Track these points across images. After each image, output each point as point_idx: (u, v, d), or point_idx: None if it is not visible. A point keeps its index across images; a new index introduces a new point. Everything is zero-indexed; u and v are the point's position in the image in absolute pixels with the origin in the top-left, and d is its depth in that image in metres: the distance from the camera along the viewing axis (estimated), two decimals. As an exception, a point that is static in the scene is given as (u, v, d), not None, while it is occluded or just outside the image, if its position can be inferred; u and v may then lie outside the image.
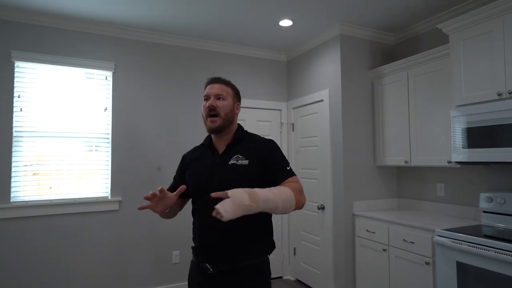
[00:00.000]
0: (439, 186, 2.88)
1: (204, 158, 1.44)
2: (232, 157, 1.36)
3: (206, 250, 1.34)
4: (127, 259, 3.07)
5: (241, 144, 1.41)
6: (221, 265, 1.30)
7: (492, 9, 2.14)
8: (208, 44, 3.50)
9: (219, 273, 1.30)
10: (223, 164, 1.37)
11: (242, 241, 1.31)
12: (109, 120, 3.11)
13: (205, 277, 1.33)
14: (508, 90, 2.07)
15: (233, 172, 1.33)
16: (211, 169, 1.38)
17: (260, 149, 1.39)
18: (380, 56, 3.28)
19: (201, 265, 1.35)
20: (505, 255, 1.85)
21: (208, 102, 1.39)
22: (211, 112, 1.38)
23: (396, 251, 2.57)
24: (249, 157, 1.35)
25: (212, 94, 1.40)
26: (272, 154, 1.38)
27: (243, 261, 1.30)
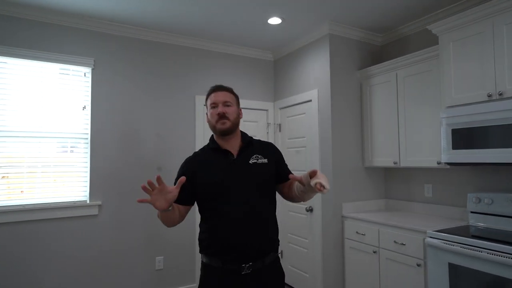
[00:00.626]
0: (427, 187, 2.89)
1: (216, 161, 1.48)
2: (251, 157, 1.49)
3: (239, 249, 1.36)
4: (106, 267, 2.89)
5: (253, 146, 1.55)
6: (255, 264, 1.37)
7: (483, 11, 2.15)
8: (193, 42, 3.38)
9: (252, 272, 1.35)
10: (244, 163, 1.47)
11: (268, 237, 1.44)
12: (87, 119, 2.92)
13: (237, 278, 1.35)
14: (498, 92, 2.08)
15: (257, 169, 1.47)
16: (230, 169, 1.45)
17: (272, 151, 1.59)
18: (368, 57, 3.27)
19: (231, 267, 1.35)
20: (497, 256, 1.85)
21: (218, 109, 1.47)
22: (221, 119, 1.47)
23: (386, 253, 2.54)
24: (266, 156, 1.52)
25: (220, 102, 1.49)
26: (280, 155, 1.63)
27: (270, 256, 1.42)
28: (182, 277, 3.22)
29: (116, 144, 2.99)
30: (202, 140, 3.39)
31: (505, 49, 2.06)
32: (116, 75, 3.03)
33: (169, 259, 3.17)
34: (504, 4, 2.04)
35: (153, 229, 3.10)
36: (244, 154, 1.50)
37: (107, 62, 3.00)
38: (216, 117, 1.47)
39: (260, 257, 1.39)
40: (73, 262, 2.76)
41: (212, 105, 1.51)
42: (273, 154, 1.57)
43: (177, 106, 3.30)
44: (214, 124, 1.48)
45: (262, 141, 1.63)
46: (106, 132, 2.96)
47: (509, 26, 2.04)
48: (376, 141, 3.02)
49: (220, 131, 1.48)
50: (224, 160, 1.48)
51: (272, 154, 1.57)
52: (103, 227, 2.90)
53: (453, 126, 2.30)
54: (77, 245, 2.79)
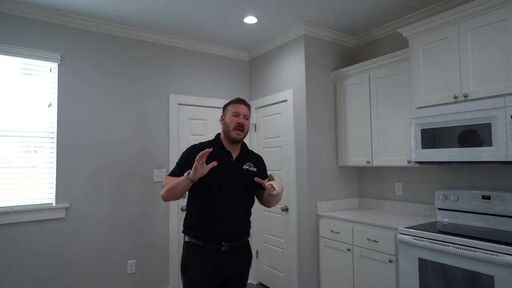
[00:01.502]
0: (397, 185, 2.99)
1: (219, 158, 1.69)
2: (245, 164, 1.82)
3: (222, 232, 1.69)
4: (75, 273, 2.75)
5: (248, 155, 1.88)
6: (232, 243, 1.71)
7: (449, 17, 2.25)
8: (167, 39, 3.30)
9: (230, 249, 1.70)
10: (239, 167, 1.79)
11: (245, 225, 1.80)
12: (54, 118, 2.77)
13: (216, 254, 1.68)
14: (463, 94, 2.19)
15: (247, 175, 1.80)
16: (230, 168, 1.76)
17: (261, 164, 1.94)
18: (341, 58, 3.34)
19: (212, 245, 1.68)
20: (463, 250, 1.94)
21: (240, 119, 1.77)
22: (239, 128, 1.76)
23: (360, 250, 2.60)
24: (256, 166, 1.87)
25: (242, 114, 1.79)
26: (265, 168, 1.97)
27: (244, 239, 1.79)
28: (155, 280, 3.13)
29: (84, 144, 2.86)
30: (176, 138, 3.31)
31: (469, 53, 2.16)
32: (85, 71, 2.90)
33: (141, 263, 3.07)
34: (469, 10, 2.15)
35: (124, 232, 2.99)
36: (240, 160, 1.82)
37: (75, 57, 2.86)
38: (235, 125, 1.76)
39: (236, 240, 1.73)
40: (38, 268, 2.61)
41: (234, 113, 1.78)
42: (261, 166, 1.92)
43: (149, 104, 3.21)
44: (230, 130, 1.76)
45: (255, 153, 1.96)
46: (73, 131, 2.82)
47: (473, 32, 2.15)
48: (350, 141, 3.09)
49: (234, 139, 1.77)
50: (226, 159, 1.76)
51: (260, 165, 1.91)
52: (71, 230, 2.76)
53: (422, 126, 2.39)
54: (43, 250, 2.63)
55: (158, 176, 3.19)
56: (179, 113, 3.38)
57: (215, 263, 1.68)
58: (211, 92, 3.57)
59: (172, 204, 3.24)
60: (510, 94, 1.98)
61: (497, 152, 2.00)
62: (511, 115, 1.95)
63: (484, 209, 2.32)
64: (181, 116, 3.39)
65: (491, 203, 2.29)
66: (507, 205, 2.21)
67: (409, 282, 2.22)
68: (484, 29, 2.10)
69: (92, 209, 2.86)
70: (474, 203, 2.37)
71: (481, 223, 2.33)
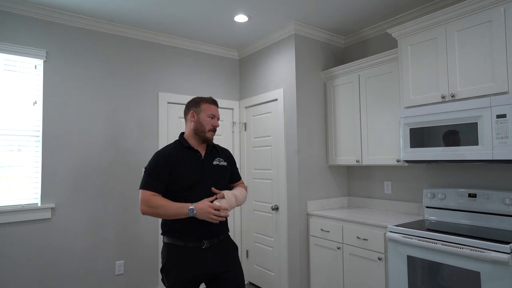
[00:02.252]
0: (387, 184, 3.03)
1: (189, 159, 1.76)
2: (215, 159, 1.83)
3: (202, 231, 1.70)
4: (61, 275, 2.69)
5: (216, 150, 1.89)
6: (212, 240, 1.74)
7: (437, 18, 2.28)
8: (156, 37, 3.26)
9: (211, 245, 1.73)
10: (209, 164, 1.81)
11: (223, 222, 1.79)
12: (39, 116, 2.70)
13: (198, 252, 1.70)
14: (450, 93, 2.23)
15: (219, 170, 1.82)
16: (201, 168, 1.77)
17: (229, 156, 1.96)
18: (331, 58, 3.36)
19: (193, 244, 1.69)
20: (450, 247, 1.98)
21: (215, 122, 1.82)
22: (213, 131, 1.82)
23: (350, 249, 2.62)
24: (226, 160, 1.89)
25: (217, 116, 1.85)
26: (234, 161, 2.00)
27: (224, 234, 1.81)
28: (144, 281, 3.09)
29: (70, 143, 2.80)
30: (165, 138, 3.27)
31: (456, 54, 2.20)
32: (71, 69, 2.83)
33: (130, 263, 3.02)
34: (456, 12, 2.19)
35: (112, 232, 2.94)
36: (209, 156, 1.83)
37: (62, 54, 2.79)
38: (211, 127, 1.80)
39: (216, 236, 1.75)
40: (23, 270, 2.54)
41: (211, 115, 1.81)
42: (230, 158, 1.95)
43: (138, 102, 3.16)
44: (205, 130, 1.79)
45: (221, 147, 1.97)
46: (59, 129, 2.75)
47: (460, 33, 2.19)
48: (340, 140, 3.11)
49: (208, 140, 1.81)
50: (195, 159, 1.78)
51: (229, 158, 1.94)
52: (57, 231, 2.69)
53: (410, 125, 2.42)
54: (28, 252, 2.57)
55: (147, 176, 3.14)
56: (169, 112, 3.34)
57: (198, 262, 1.68)
58: (201, 91, 3.54)
59: (161, 204, 3.20)
60: (495, 94, 2.03)
61: (483, 151, 2.05)
62: (496, 114, 2.00)
63: (470, 207, 2.36)
64: (170, 115, 3.35)
65: (477, 201, 2.34)
66: (492, 202, 2.26)
67: (398, 279, 2.25)
68: (471, 30, 2.14)
69: (79, 209, 2.80)
70: (460, 201, 2.42)
71: (467, 221, 2.38)
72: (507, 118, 1.95)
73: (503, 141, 1.97)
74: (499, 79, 2.01)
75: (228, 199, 1.73)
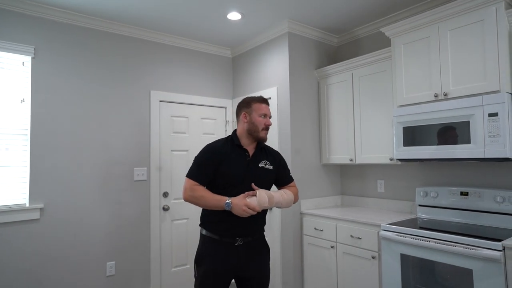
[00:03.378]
0: (380, 182, 3.03)
1: (237, 156, 1.79)
2: (261, 162, 1.83)
3: (237, 227, 1.73)
4: (50, 276, 2.63)
5: (265, 152, 1.89)
6: (246, 238, 1.77)
7: (430, 17, 2.29)
8: (148, 34, 3.21)
9: (244, 243, 1.76)
10: (255, 165, 1.82)
11: (260, 222, 1.84)
12: (27, 114, 2.64)
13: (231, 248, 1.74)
14: (443, 92, 2.24)
15: (263, 173, 1.83)
16: (247, 166, 1.79)
17: (278, 159, 1.94)
18: (324, 57, 3.36)
19: (227, 240, 1.73)
20: (443, 245, 1.99)
21: (268, 121, 1.82)
22: (267, 130, 1.82)
23: (343, 247, 2.62)
24: (272, 164, 1.88)
25: (269, 115, 1.85)
26: (284, 163, 1.99)
27: (259, 234, 1.84)
28: (136, 282, 3.04)
29: (60, 142, 2.74)
30: (158, 136, 3.23)
31: (449, 53, 2.22)
32: (60, 66, 2.77)
33: (121, 264, 2.97)
34: (449, 11, 2.20)
35: (103, 232, 2.89)
36: (257, 157, 1.83)
37: (50, 51, 2.73)
38: (264, 126, 1.80)
39: (251, 235, 1.78)
40: (11, 272, 2.47)
41: (263, 114, 1.81)
42: (277, 162, 1.92)
43: (130, 101, 3.11)
44: (259, 130, 1.79)
45: (271, 149, 1.95)
46: (48, 128, 2.69)
47: (453, 32, 2.20)
48: (333, 138, 3.11)
49: (262, 139, 1.82)
50: (243, 157, 1.80)
51: (276, 162, 1.91)
52: (46, 232, 2.63)
53: (403, 124, 2.43)
54: (16, 254, 2.50)
55: (139, 175, 3.10)
56: (161, 111, 3.30)
57: (230, 256, 1.73)
58: (193, 90, 3.51)
59: (153, 203, 3.16)
60: (487, 93, 2.04)
61: (475, 149, 2.06)
62: (488, 113, 2.01)
63: (463, 205, 2.38)
64: (162, 113, 3.31)
65: (468, 199, 2.36)
66: (483, 200, 2.28)
67: (391, 277, 2.25)
68: (463, 29, 2.15)
69: (69, 209, 2.74)
70: (452, 199, 2.43)
71: (459, 219, 2.40)
72: (499, 117, 1.97)
73: (495, 139, 1.99)
74: (491, 78, 2.02)
75: (260, 197, 1.69)
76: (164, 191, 3.26)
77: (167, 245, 3.24)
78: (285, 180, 1.97)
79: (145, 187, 3.14)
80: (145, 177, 3.13)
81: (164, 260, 3.22)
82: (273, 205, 1.76)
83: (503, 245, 1.78)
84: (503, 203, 2.19)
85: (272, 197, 1.75)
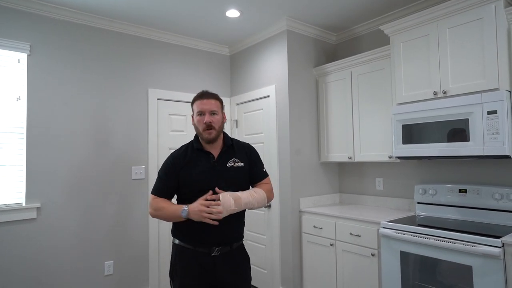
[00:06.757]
0: (378, 180, 3.04)
1: (199, 161, 1.64)
2: (229, 160, 1.67)
3: (212, 236, 1.58)
4: (48, 277, 2.60)
5: (231, 150, 1.71)
6: (224, 248, 1.61)
7: (429, 15, 2.30)
8: (146, 32, 3.18)
9: (221, 253, 1.61)
10: (222, 166, 1.65)
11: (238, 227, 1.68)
12: (23, 112, 2.60)
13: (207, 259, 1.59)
14: (442, 90, 2.25)
15: (233, 172, 1.66)
16: (212, 169, 1.63)
17: (248, 153, 1.75)
18: (323, 55, 3.36)
19: (202, 250, 1.59)
20: (443, 242, 2.00)
21: (205, 118, 1.61)
22: (208, 128, 1.61)
23: (343, 245, 2.62)
24: (243, 160, 1.71)
25: (207, 111, 1.62)
26: (256, 158, 1.79)
27: (237, 242, 1.68)
28: (134, 281, 3.02)
29: (57, 140, 2.70)
30: (155, 134, 3.21)
31: (448, 51, 2.22)
32: (57, 63, 2.73)
33: (119, 263, 2.95)
34: (448, 9, 2.20)
35: (101, 231, 2.86)
36: (223, 157, 1.67)
37: (47, 48, 2.69)
38: (203, 126, 1.61)
39: (228, 245, 1.63)
40: (8, 273, 2.44)
41: (199, 112, 1.63)
42: (249, 157, 1.74)
43: (127, 99, 3.08)
44: (200, 131, 1.63)
45: (240, 143, 1.79)
46: (45, 126, 2.66)
47: (452, 30, 2.21)
48: (332, 137, 3.11)
49: (206, 140, 1.63)
50: (207, 162, 1.64)
51: (247, 156, 1.74)
52: (43, 232, 2.60)
53: (402, 122, 2.44)
54: (12, 253, 2.47)
55: (137, 174, 3.07)
56: (159, 109, 3.27)
57: (206, 268, 1.59)
58: (191, 87, 3.49)
59: (151, 202, 3.14)
60: (486, 91, 2.05)
61: (474, 146, 2.07)
62: (487, 111, 2.03)
63: (461, 202, 2.40)
64: (160, 111, 3.28)
65: (467, 196, 2.37)
66: (482, 198, 2.30)
67: (391, 274, 2.26)
68: (462, 27, 2.16)
69: (66, 208, 2.71)
70: (451, 197, 2.45)
71: (458, 216, 2.41)
72: (498, 115, 1.98)
73: (494, 137, 2.00)
74: (490, 76, 2.03)
75: (224, 201, 1.52)
76: (162, 190, 3.23)
77: (165, 245, 3.22)
78: (257, 177, 1.76)
79: (143, 185, 3.11)
80: (143, 176, 3.11)
81: (162, 259, 3.20)
82: (241, 207, 1.59)
83: (503, 242, 1.80)
84: (501, 200, 2.21)
85: (239, 198, 1.58)
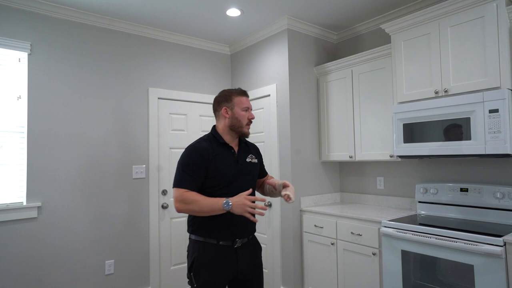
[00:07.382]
0: (379, 179, 3.04)
1: (225, 154, 1.69)
2: (247, 156, 1.77)
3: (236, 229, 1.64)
4: (49, 276, 2.60)
5: (247, 146, 1.82)
6: (243, 239, 1.68)
7: (430, 13, 2.29)
8: (146, 31, 3.18)
9: (242, 244, 1.68)
10: (243, 161, 1.74)
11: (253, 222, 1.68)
12: (23, 111, 2.60)
13: (230, 251, 1.64)
14: (443, 89, 2.24)
15: (251, 167, 1.76)
16: (237, 164, 1.70)
17: (257, 151, 1.89)
18: (324, 54, 3.35)
19: (226, 242, 1.63)
20: (444, 241, 1.99)
21: (251, 115, 1.73)
22: (249, 124, 1.73)
23: (344, 244, 2.62)
24: (256, 157, 1.83)
25: (251, 108, 1.75)
26: (261, 156, 1.92)
27: (252, 234, 1.76)
28: (135, 280, 3.02)
29: (57, 139, 2.70)
30: (156, 134, 3.20)
31: (449, 49, 2.22)
32: (57, 62, 2.73)
33: (120, 263, 2.95)
34: (449, 7, 2.20)
35: (102, 231, 2.86)
36: (242, 152, 1.76)
37: (47, 47, 2.69)
38: (247, 121, 1.71)
39: (246, 236, 1.70)
40: (8, 272, 2.44)
41: (245, 108, 1.71)
42: (259, 156, 1.89)
43: (128, 98, 3.08)
44: (243, 125, 1.70)
45: (250, 143, 1.88)
46: (45, 125, 2.66)
47: (453, 28, 2.20)
48: (333, 136, 3.11)
49: (246, 135, 1.73)
50: (231, 156, 1.70)
51: (259, 155, 1.88)
52: (44, 231, 2.60)
53: (404, 121, 2.43)
54: (13, 252, 2.47)
55: (138, 173, 3.07)
56: (159, 108, 3.27)
57: (229, 260, 1.63)
58: (192, 87, 3.48)
59: (152, 201, 3.14)
60: (488, 90, 2.05)
61: (475, 145, 2.07)
62: (489, 109, 2.02)
63: (462, 201, 2.39)
64: (161, 110, 3.28)
65: (468, 195, 2.37)
66: (483, 196, 2.29)
67: (392, 273, 2.26)
68: (463, 26, 2.16)
69: (67, 207, 2.71)
70: (452, 196, 2.44)
71: (459, 215, 2.41)
72: (499, 113, 1.98)
73: (495, 135, 1.99)
74: (491, 74, 2.03)
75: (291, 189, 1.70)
76: (163, 189, 3.24)
77: (166, 243, 3.22)
78: (264, 173, 1.93)
79: (144, 185, 3.11)
80: (143, 175, 3.11)
81: (163, 258, 3.20)
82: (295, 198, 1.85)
83: (504, 241, 1.79)
84: (503, 199, 2.21)
85: None
